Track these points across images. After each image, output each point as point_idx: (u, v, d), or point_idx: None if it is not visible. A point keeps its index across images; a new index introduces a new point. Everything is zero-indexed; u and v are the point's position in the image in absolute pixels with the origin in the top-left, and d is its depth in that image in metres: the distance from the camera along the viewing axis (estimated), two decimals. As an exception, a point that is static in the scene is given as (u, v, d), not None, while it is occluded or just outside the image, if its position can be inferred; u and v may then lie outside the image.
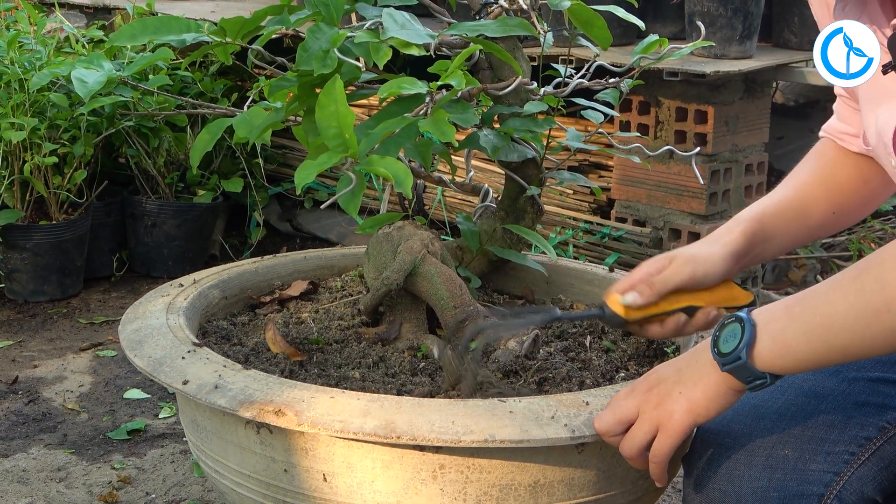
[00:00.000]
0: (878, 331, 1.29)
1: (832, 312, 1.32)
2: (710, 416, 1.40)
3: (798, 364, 1.36)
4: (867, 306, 1.30)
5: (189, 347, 1.63)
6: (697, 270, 1.65)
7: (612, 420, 1.43)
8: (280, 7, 1.72)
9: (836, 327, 1.32)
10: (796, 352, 1.34)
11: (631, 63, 1.85)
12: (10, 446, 2.35)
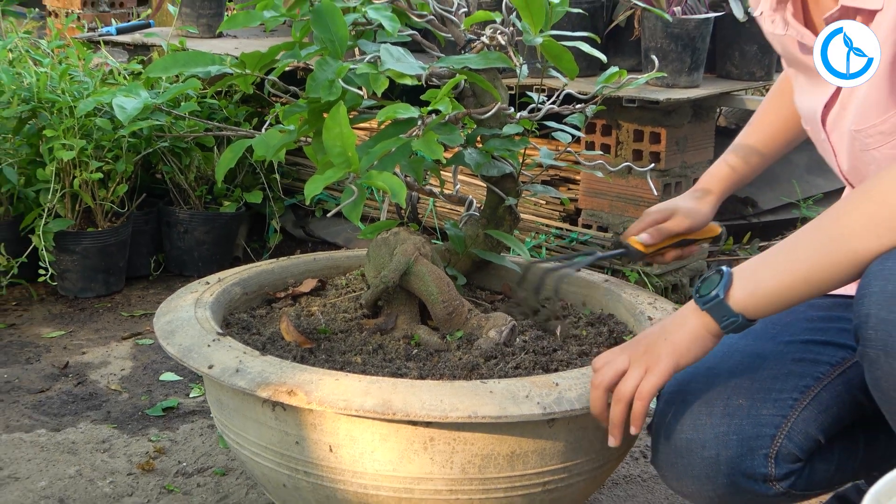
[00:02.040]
0: (835, 258, 1.31)
1: (795, 249, 1.34)
2: (689, 360, 1.41)
3: (766, 300, 1.36)
4: (825, 238, 1.32)
5: (214, 337, 1.63)
6: (692, 224, 1.85)
7: (609, 374, 1.44)
8: (292, 43, 1.71)
9: (800, 260, 1.33)
10: (766, 287, 1.35)
11: (595, 91, 1.85)
12: (61, 422, 2.35)
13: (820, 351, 1.53)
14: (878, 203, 1.27)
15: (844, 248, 1.29)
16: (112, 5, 5.59)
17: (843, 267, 1.30)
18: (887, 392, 1.28)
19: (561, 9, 1.74)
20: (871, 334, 1.26)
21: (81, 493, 2.04)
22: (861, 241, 1.28)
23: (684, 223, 1.84)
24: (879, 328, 1.25)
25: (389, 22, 1.69)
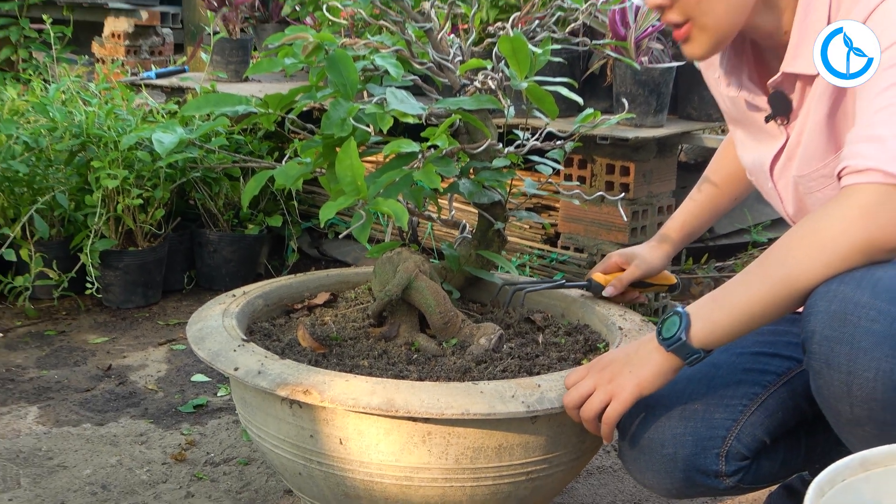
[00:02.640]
0: (781, 292, 1.30)
1: (746, 286, 1.33)
2: (652, 390, 1.41)
3: (724, 335, 1.35)
4: (771, 274, 1.31)
5: (239, 343, 1.63)
6: (646, 271, 1.86)
7: (575, 396, 1.43)
8: (309, 87, 1.71)
9: (751, 296, 1.32)
10: (722, 326, 1.34)
11: (573, 130, 1.85)
12: (104, 417, 2.34)
13: (768, 362, 1.53)
14: (817, 240, 1.27)
15: (789, 282, 1.29)
16: (152, 53, 5.60)
17: (789, 298, 1.30)
18: (828, 399, 1.28)
19: (543, 58, 1.74)
20: (816, 349, 1.26)
21: (122, 480, 2.03)
22: (803, 275, 1.28)
23: (636, 272, 1.86)
24: (823, 344, 1.25)
25: (394, 68, 1.69)
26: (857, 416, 1.26)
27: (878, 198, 1.23)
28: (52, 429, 2.27)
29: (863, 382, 1.22)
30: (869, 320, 1.22)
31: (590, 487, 2.04)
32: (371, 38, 1.83)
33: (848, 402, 1.25)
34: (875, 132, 1.26)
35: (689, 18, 1.42)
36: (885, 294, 1.22)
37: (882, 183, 1.23)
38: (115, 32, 5.63)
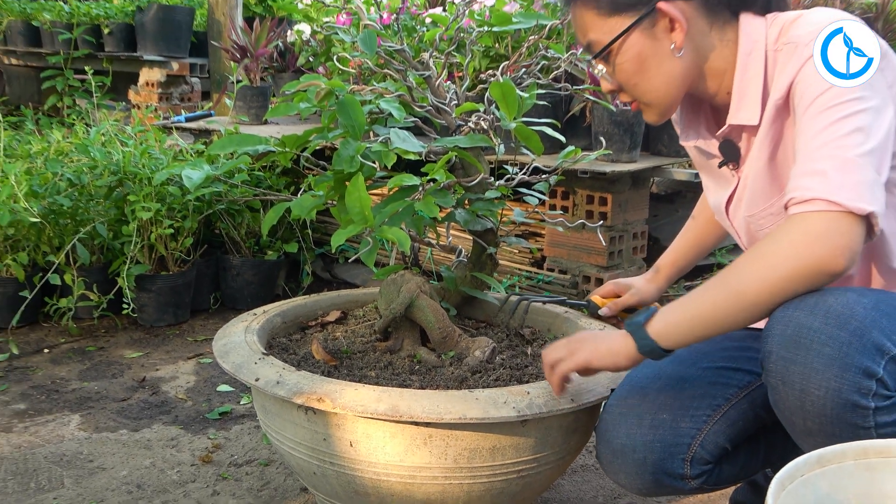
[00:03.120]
0: (730, 308, 1.30)
1: (703, 297, 1.33)
2: (599, 365, 1.42)
3: (677, 333, 1.34)
4: (724, 293, 1.30)
5: (259, 356, 1.62)
6: (640, 300, 1.83)
7: (550, 355, 1.47)
8: (322, 128, 1.72)
9: (705, 306, 1.32)
10: (676, 324, 1.34)
11: (556, 165, 1.86)
12: (139, 424, 2.33)
13: (731, 376, 1.53)
14: (766, 261, 1.27)
15: (739, 296, 1.29)
16: (182, 99, 5.62)
17: (738, 310, 1.30)
18: (784, 412, 1.29)
19: (529, 101, 1.75)
20: (773, 367, 1.27)
21: (155, 479, 2.02)
22: (752, 291, 1.28)
23: (631, 300, 1.84)
24: (779, 363, 1.25)
25: (397, 111, 1.70)
26: (809, 428, 1.26)
27: (824, 224, 1.23)
28: (92, 434, 2.26)
29: (814, 399, 1.22)
30: (820, 344, 1.22)
31: (574, 484, 2.03)
32: (376, 84, 1.84)
33: (801, 416, 1.25)
34: (817, 167, 1.26)
35: (634, 98, 1.47)
36: (835, 320, 1.22)
37: (826, 211, 1.23)
38: (149, 81, 5.65)
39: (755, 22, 1.41)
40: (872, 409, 1.21)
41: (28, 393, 2.53)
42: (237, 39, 3.99)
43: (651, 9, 1.38)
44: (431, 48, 1.84)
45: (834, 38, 1.31)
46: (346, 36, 1.90)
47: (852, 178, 1.23)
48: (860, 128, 1.25)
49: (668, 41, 1.40)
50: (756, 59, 1.39)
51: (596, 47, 1.43)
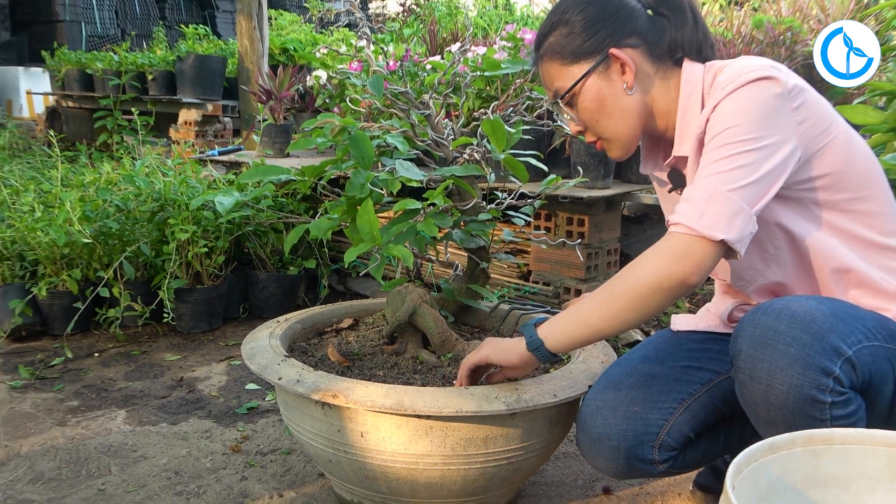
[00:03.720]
0: (605, 314, 1.34)
1: (586, 304, 1.37)
2: (497, 360, 1.47)
3: (561, 330, 1.40)
4: (600, 299, 1.35)
5: (282, 358, 1.61)
6: None
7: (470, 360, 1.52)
8: (336, 159, 1.72)
9: (584, 311, 1.37)
10: (561, 325, 1.40)
11: (539, 191, 1.86)
12: (177, 418, 2.32)
13: (694, 374, 1.53)
14: (634, 273, 1.31)
15: (609, 306, 1.33)
16: (215, 136, 5.63)
17: (611, 319, 1.34)
18: (750, 404, 1.29)
19: (516, 136, 1.75)
20: (742, 365, 1.27)
21: (190, 467, 2.01)
22: (619, 301, 1.32)
23: None
24: (748, 361, 1.26)
25: (402, 145, 1.70)
26: (772, 419, 1.26)
27: (683, 246, 1.28)
28: (136, 427, 2.24)
29: (778, 393, 1.22)
30: (785, 345, 1.22)
31: (557, 469, 2.02)
32: (384, 122, 1.84)
33: (766, 408, 1.25)
34: (690, 195, 1.30)
35: (598, 136, 1.49)
36: (798, 325, 1.23)
37: (686, 234, 1.28)
38: (187, 120, 5.66)
39: (695, 68, 1.43)
40: (829, 403, 1.21)
41: (80, 391, 2.51)
42: (263, 84, 4.00)
43: (605, 55, 1.42)
44: (431, 90, 1.84)
45: (757, 82, 1.32)
46: (358, 80, 1.91)
47: (714, 209, 1.26)
48: (743, 165, 1.28)
49: (620, 82, 1.43)
50: (695, 101, 1.41)
51: (562, 92, 1.46)
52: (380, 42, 4.40)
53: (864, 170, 1.40)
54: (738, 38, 3.39)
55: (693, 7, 1.46)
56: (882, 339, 1.29)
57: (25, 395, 2.47)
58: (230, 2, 8.29)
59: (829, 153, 1.36)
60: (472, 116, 1.90)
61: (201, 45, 6.39)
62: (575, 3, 1.45)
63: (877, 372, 1.26)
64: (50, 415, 2.33)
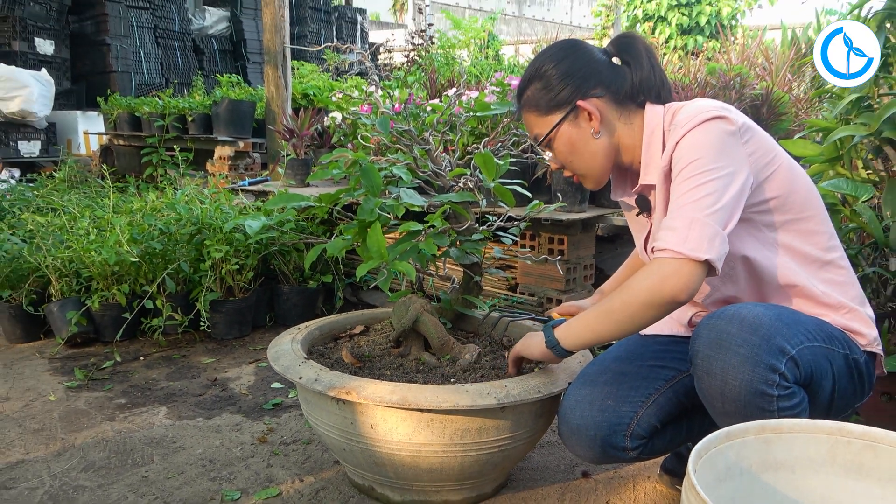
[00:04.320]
0: (607, 323, 1.34)
1: (592, 314, 1.37)
2: (525, 353, 1.51)
3: (572, 334, 1.41)
4: (602, 311, 1.35)
5: (302, 360, 1.60)
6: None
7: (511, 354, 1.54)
8: (349, 188, 1.71)
9: (591, 320, 1.37)
10: (572, 327, 1.41)
11: (525, 214, 1.85)
12: (211, 413, 2.30)
13: (659, 372, 1.52)
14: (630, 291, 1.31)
15: (611, 314, 1.33)
16: (246, 169, 5.63)
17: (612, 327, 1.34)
18: (708, 398, 1.28)
19: (504, 167, 1.75)
20: (700, 363, 1.27)
21: (223, 456, 1.99)
22: (619, 312, 1.32)
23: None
24: (705, 360, 1.26)
25: (405, 175, 1.70)
26: (727, 410, 1.25)
27: (672, 267, 1.27)
28: (175, 422, 2.23)
29: (732, 388, 1.22)
30: (737, 345, 1.22)
31: (542, 455, 2.00)
32: (390, 156, 1.84)
33: (721, 401, 1.25)
34: (672, 224, 1.30)
35: (574, 172, 1.50)
36: (748, 328, 1.23)
37: (674, 258, 1.27)
38: (221, 156, 5.66)
39: (656, 109, 1.44)
40: (776, 396, 1.21)
41: (127, 391, 2.49)
42: (287, 124, 4.00)
43: (573, 106, 1.43)
44: (431, 129, 1.84)
45: (712, 121, 1.33)
46: (368, 120, 1.91)
47: (695, 234, 1.26)
48: (711, 192, 1.28)
49: (588, 128, 1.45)
50: (656, 137, 1.42)
51: (540, 138, 1.48)
52: (387, 88, 4.42)
53: (805, 194, 1.40)
54: (695, 84, 3.40)
55: (651, 54, 1.47)
56: (821, 340, 1.29)
57: (80, 395, 2.45)
58: (259, 54, 8.33)
59: (776, 179, 1.37)
60: (466, 151, 1.90)
61: (234, 91, 6.41)
62: (547, 59, 1.46)
63: (817, 369, 1.26)
64: (101, 411, 2.31)
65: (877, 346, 1.41)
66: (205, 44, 8.21)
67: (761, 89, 3.27)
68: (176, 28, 7.79)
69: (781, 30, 5.42)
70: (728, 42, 6.11)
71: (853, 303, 1.42)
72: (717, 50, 6.74)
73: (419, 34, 7.78)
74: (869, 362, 1.40)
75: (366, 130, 3.55)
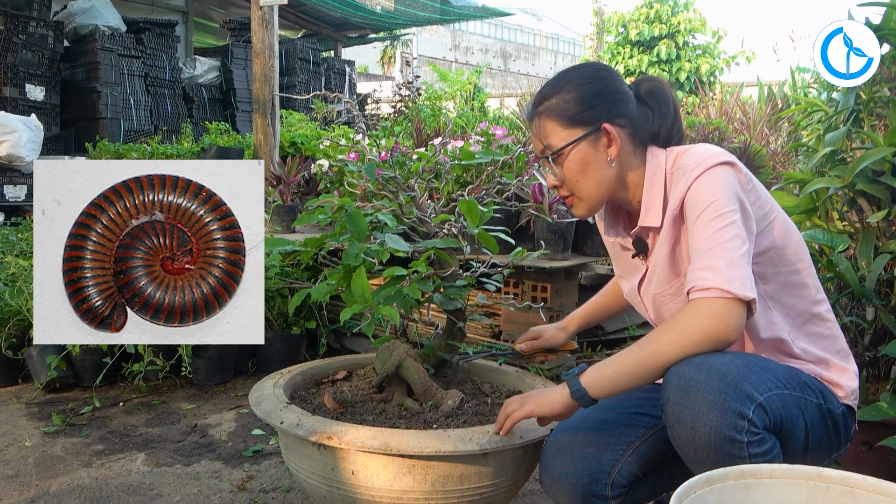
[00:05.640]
0: (649, 364, 1.29)
1: (626, 357, 1.32)
2: (541, 412, 1.39)
3: (605, 383, 1.33)
4: (644, 354, 1.30)
5: (284, 405, 1.59)
6: (552, 343, 1.79)
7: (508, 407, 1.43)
8: (335, 233, 1.72)
9: (628, 364, 1.31)
10: (605, 375, 1.33)
11: (508, 261, 1.87)
12: (190, 460, 2.25)
13: (640, 420, 1.51)
14: (678, 332, 1.28)
15: (655, 356, 1.29)
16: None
17: (654, 367, 1.30)
18: (679, 445, 1.27)
19: (488, 214, 1.77)
20: (670, 410, 1.26)
21: (201, 503, 1.95)
22: (666, 353, 1.28)
23: (545, 344, 1.80)
24: (674, 407, 1.25)
25: (391, 221, 1.71)
26: (699, 457, 1.24)
27: (721, 306, 1.24)
28: (153, 468, 2.18)
29: (702, 435, 1.22)
30: (705, 392, 1.22)
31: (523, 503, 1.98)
32: (376, 202, 1.86)
33: (692, 448, 1.24)
34: (711, 263, 1.27)
35: (572, 193, 1.48)
36: (716, 375, 1.22)
37: (722, 297, 1.24)
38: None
39: (658, 152, 1.45)
40: (746, 442, 1.20)
41: (105, 437, 2.45)
42: (275, 171, 4.04)
43: (598, 127, 1.41)
44: (416, 176, 1.87)
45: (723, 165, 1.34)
46: (354, 167, 1.93)
47: (738, 273, 1.25)
48: (737, 234, 1.29)
49: (605, 153, 1.43)
50: (658, 180, 1.43)
51: (551, 149, 1.44)
52: (374, 137, 4.48)
53: (797, 246, 1.42)
54: (675, 136, 3.47)
55: (675, 103, 1.48)
56: (791, 388, 1.30)
57: (56, 440, 2.40)
58: (248, 103, 8.42)
59: (773, 231, 1.39)
60: (451, 198, 1.92)
61: (222, 138, 6.46)
62: (580, 75, 1.44)
63: (787, 416, 1.27)
64: (77, 457, 2.27)
65: (853, 399, 1.42)
66: (195, 92, 8.29)
67: (739, 143, 3.35)
68: (166, 77, 7.87)
69: (758, 86, 5.58)
70: (707, 97, 6.26)
71: (836, 356, 1.43)
72: (697, 105, 6.90)
73: (406, 85, 7.91)
74: (847, 414, 1.40)
75: (352, 177, 3.59)
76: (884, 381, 2.01)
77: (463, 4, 9.59)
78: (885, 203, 1.97)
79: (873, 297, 1.92)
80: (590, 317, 1.87)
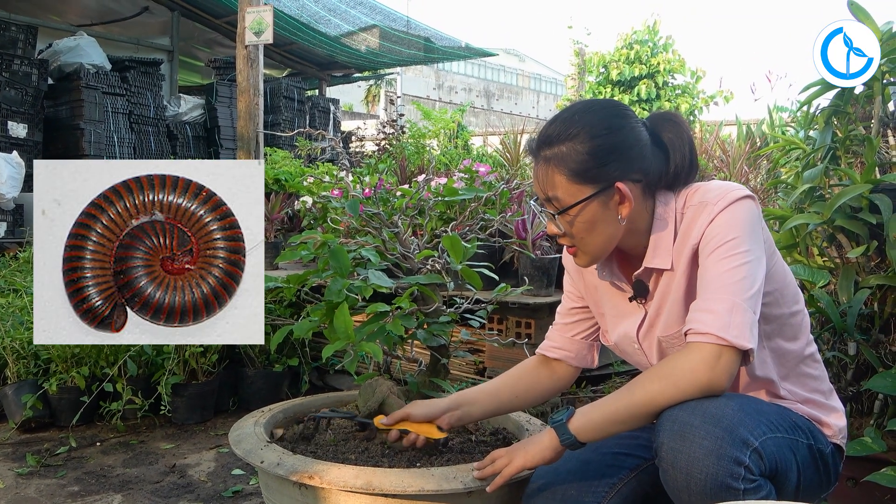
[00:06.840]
0: (639, 412, 1.28)
1: (616, 401, 1.30)
2: (534, 463, 1.36)
3: (594, 428, 1.31)
4: (635, 398, 1.28)
5: (265, 444, 1.56)
6: (415, 416, 1.57)
7: (495, 464, 1.40)
8: (318, 270, 1.72)
9: (618, 409, 1.30)
10: (594, 420, 1.31)
11: (492, 297, 1.87)
12: (168, 501, 2.20)
13: (624, 460, 1.49)
14: (671, 377, 1.26)
15: (647, 401, 1.27)
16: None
17: (645, 413, 1.28)
18: (673, 490, 1.25)
19: (471, 250, 1.77)
20: (664, 455, 1.24)
21: (178, 547, 1.90)
22: (658, 398, 1.27)
23: (409, 417, 1.58)
24: (669, 452, 1.23)
25: (374, 257, 1.71)
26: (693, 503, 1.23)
27: (714, 354, 1.23)
28: (130, 511, 2.13)
29: (697, 481, 1.20)
30: (700, 437, 1.20)
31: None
32: (359, 238, 1.86)
33: (687, 494, 1.22)
34: (711, 306, 1.25)
35: (575, 245, 1.41)
36: (711, 419, 1.21)
37: (716, 343, 1.23)
38: (190, 238, 5.63)
39: (667, 195, 1.39)
40: (742, 490, 1.19)
41: (81, 478, 2.39)
42: (258, 207, 4.03)
43: (610, 185, 1.33)
44: (400, 212, 1.87)
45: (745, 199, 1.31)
46: (338, 204, 1.93)
47: (738, 320, 1.23)
48: (747, 275, 1.26)
49: (616, 211, 1.35)
50: (663, 222, 1.38)
51: (557, 203, 1.35)
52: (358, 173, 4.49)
53: (794, 285, 1.41)
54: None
55: (691, 141, 1.40)
56: (784, 430, 1.29)
57: (30, 482, 2.34)
58: (232, 140, 8.44)
59: (776, 271, 1.36)
60: (435, 234, 1.92)
61: (206, 175, 6.45)
62: (594, 124, 1.33)
63: (781, 460, 1.26)
64: (51, 499, 2.20)
65: (841, 438, 1.41)
66: (179, 129, 8.30)
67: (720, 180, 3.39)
68: (151, 114, 7.88)
69: (737, 125, 5.67)
70: (687, 136, 6.33)
71: (823, 396, 1.43)
72: (677, 143, 6.98)
73: (390, 123, 7.97)
74: (835, 453, 1.40)
75: (336, 213, 3.59)
76: (867, 416, 2.02)
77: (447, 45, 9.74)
78: (864, 239, 1.99)
79: (854, 332, 1.93)
80: (479, 403, 1.61)
